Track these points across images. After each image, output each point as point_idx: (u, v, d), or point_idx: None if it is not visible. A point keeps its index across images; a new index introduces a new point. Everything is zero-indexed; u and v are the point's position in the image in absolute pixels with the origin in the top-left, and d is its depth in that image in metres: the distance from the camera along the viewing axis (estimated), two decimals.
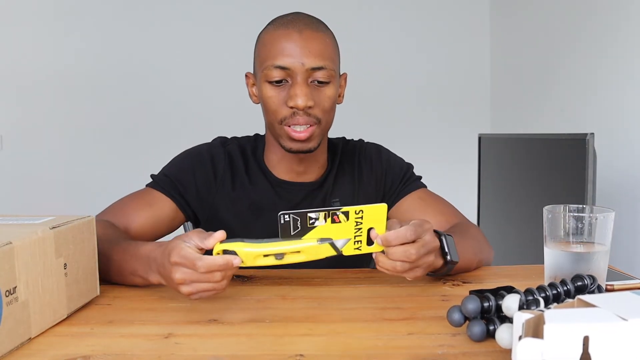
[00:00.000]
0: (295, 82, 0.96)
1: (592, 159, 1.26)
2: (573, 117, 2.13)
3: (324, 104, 0.99)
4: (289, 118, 0.98)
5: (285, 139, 1.01)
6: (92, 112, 2.85)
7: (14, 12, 2.77)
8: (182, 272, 0.73)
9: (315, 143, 1.01)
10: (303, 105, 0.95)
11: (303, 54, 0.95)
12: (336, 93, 1.02)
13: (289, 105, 0.97)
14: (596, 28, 1.96)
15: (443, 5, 2.93)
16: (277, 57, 0.96)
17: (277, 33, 0.98)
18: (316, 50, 0.96)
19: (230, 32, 2.85)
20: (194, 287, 0.74)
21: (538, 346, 0.49)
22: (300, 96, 0.95)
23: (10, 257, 0.62)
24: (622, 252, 1.70)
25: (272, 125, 1.02)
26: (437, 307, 0.78)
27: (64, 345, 0.65)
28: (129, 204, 1.04)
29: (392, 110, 2.95)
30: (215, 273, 0.73)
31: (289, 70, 0.96)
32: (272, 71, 0.97)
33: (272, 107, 0.99)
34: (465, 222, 1.09)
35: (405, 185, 1.13)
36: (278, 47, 0.97)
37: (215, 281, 0.73)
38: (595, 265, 0.75)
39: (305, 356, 0.61)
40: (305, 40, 0.96)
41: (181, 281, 0.73)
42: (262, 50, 1.00)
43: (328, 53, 0.99)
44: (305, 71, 0.96)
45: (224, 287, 0.75)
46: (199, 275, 0.73)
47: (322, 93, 0.99)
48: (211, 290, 0.74)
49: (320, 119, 0.99)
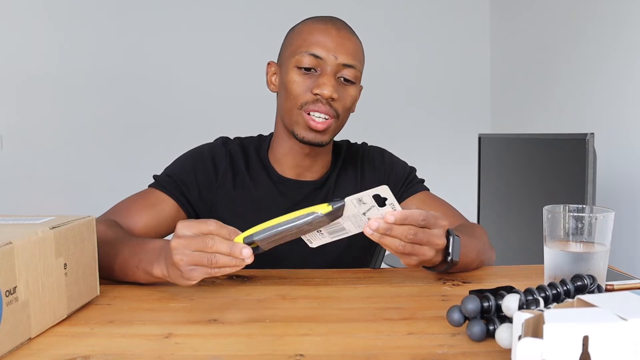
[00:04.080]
0: (325, 73, 0.99)
1: (592, 159, 1.26)
2: (573, 117, 2.13)
3: (345, 100, 1.02)
4: (310, 104, 1.00)
5: (302, 127, 1.02)
6: (93, 112, 2.85)
7: (14, 12, 2.77)
8: (178, 241, 0.73)
9: (328, 137, 1.04)
10: (329, 94, 0.98)
11: (338, 49, 1.00)
12: (356, 97, 1.06)
13: (314, 92, 0.99)
14: (596, 28, 1.96)
15: (443, 6, 2.93)
16: (312, 46, 1.00)
17: (316, 26, 1.02)
18: (350, 49, 1.01)
19: (231, 32, 2.85)
20: (185, 255, 0.73)
21: (538, 346, 0.49)
22: (328, 86, 0.98)
23: (10, 257, 0.62)
24: (622, 252, 1.70)
25: (290, 111, 1.03)
26: (437, 307, 0.78)
27: (64, 345, 0.65)
28: (132, 204, 1.04)
29: (392, 111, 2.95)
30: (208, 238, 0.72)
31: (322, 60, 0.99)
32: (305, 57, 1.00)
33: (296, 91, 1.01)
34: (470, 223, 1.09)
35: (408, 188, 1.14)
36: (315, 38, 1.01)
37: (209, 249, 0.72)
38: (595, 265, 0.75)
39: (305, 356, 0.61)
40: (342, 38, 1.01)
41: (175, 246, 0.73)
42: (296, 38, 1.03)
43: (359, 56, 1.04)
44: (336, 65, 1.00)
45: (211, 261, 0.72)
46: (191, 240, 0.72)
47: (346, 91, 1.02)
48: (198, 262, 0.73)
49: (340, 114, 1.02)
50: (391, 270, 1.01)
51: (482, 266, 1.02)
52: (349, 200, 0.76)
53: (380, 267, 1.38)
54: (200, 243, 0.73)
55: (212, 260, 0.73)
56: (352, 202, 0.77)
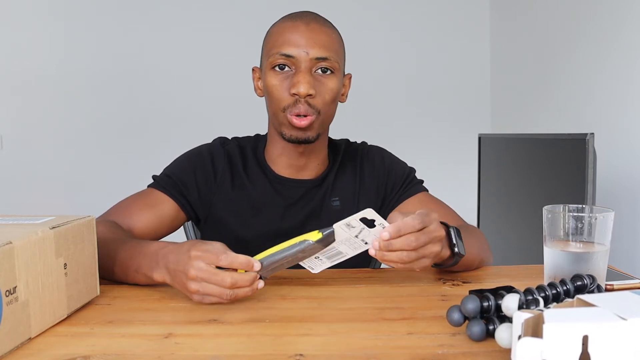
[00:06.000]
0: (299, 71, 0.99)
1: (592, 159, 1.26)
2: (573, 117, 2.13)
3: (325, 95, 1.01)
4: (292, 106, 1.00)
5: (287, 127, 1.02)
6: (93, 112, 2.85)
7: (14, 12, 2.77)
8: (198, 267, 0.75)
9: (314, 133, 1.03)
10: (304, 92, 0.97)
11: (308, 44, 0.99)
12: (339, 88, 1.03)
13: (291, 93, 0.99)
14: (596, 28, 1.96)
15: (444, 6, 2.93)
16: (283, 46, 0.99)
17: (285, 25, 1.02)
18: (321, 42, 0.99)
19: (231, 32, 2.85)
20: (202, 286, 0.76)
21: (537, 346, 0.49)
22: (303, 83, 0.97)
23: (10, 257, 0.62)
24: (622, 252, 1.70)
25: (276, 114, 1.03)
26: (437, 307, 0.78)
27: (64, 345, 0.65)
28: (132, 204, 1.04)
29: (392, 111, 2.95)
30: (226, 276, 0.75)
31: (294, 58, 0.99)
32: (277, 58, 1.00)
33: (276, 95, 1.01)
34: (469, 225, 1.09)
35: (407, 188, 1.14)
36: (285, 37, 1.00)
37: (224, 285, 0.75)
38: (594, 265, 0.75)
39: (305, 356, 0.61)
40: (311, 31, 1.00)
41: (193, 277, 0.75)
42: (269, 40, 1.04)
43: (332, 46, 1.01)
44: (309, 60, 0.98)
45: (229, 297, 0.76)
46: (211, 275, 0.75)
47: (324, 84, 1.01)
48: (216, 295, 0.76)
49: (320, 110, 1.01)
50: (391, 270, 1.01)
51: (482, 266, 1.02)
52: (337, 227, 0.79)
53: (380, 267, 1.38)
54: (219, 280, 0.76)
55: (231, 296, 0.77)
56: (341, 228, 0.79)
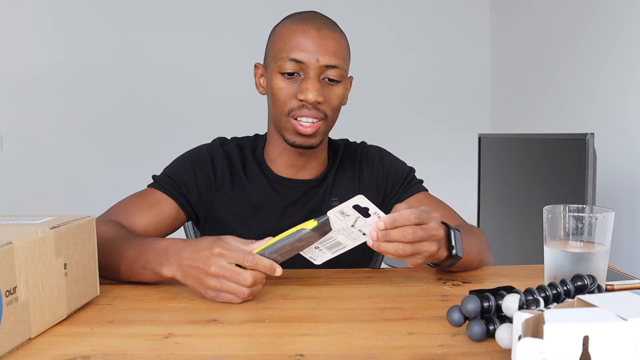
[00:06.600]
0: (308, 77, 0.98)
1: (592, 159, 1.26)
2: (573, 117, 2.13)
3: (332, 101, 1.01)
4: (297, 110, 0.99)
5: (290, 132, 1.02)
6: (92, 112, 2.85)
7: (13, 12, 2.77)
8: (220, 265, 0.76)
9: (318, 139, 1.03)
10: (313, 99, 0.97)
11: (319, 50, 0.98)
12: (344, 93, 1.04)
13: (299, 99, 0.98)
14: (596, 28, 1.96)
15: (443, 6, 2.93)
16: (293, 50, 0.98)
17: (295, 27, 1.00)
18: (332, 49, 0.99)
19: (231, 32, 2.85)
20: (220, 283, 0.77)
21: (538, 346, 0.49)
22: (312, 91, 0.97)
23: (10, 257, 0.62)
24: (622, 252, 1.70)
25: (278, 117, 1.02)
26: (437, 307, 0.78)
27: (64, 345, 0.65)
28: (132, 204, 1.04)
29: (392, 111, 2.95)
30: (248, 276, 0.76)
31: (303, 64, 0.98)
32: (287, 63, 0.98)
33: (281, 99, 1.00)
34: (469, 225, 1.09)
35: (407, 188, 1.14)
36: (295, 41, 0.98)
37: (245, 284, 0.76)
38: (595, 265, 0.75)
39: (305, 356, 0.61)
40: (322, 38, 0.99)
41: (214, 273, 0.76)
42: (277, 42, 1.02)
43: (342, 53, 1.01)
44: (318, 67, 0.98)
45: (245, 295, 0.77)
46: (233, 273, 0.76)
47: (332, 91, 1.01)
48: (233, 293, 0.77)
49: (327, 116, 1.01)
50: (391, 270, 1.01)
51: (482, 266, 1.02)
52: (331, 214, 0.79)
53: (380, 267, 1.38)
54: (241, 279, 0.77)
55: (247, 295, 0.78)
56: (335, 215, 0.79)
